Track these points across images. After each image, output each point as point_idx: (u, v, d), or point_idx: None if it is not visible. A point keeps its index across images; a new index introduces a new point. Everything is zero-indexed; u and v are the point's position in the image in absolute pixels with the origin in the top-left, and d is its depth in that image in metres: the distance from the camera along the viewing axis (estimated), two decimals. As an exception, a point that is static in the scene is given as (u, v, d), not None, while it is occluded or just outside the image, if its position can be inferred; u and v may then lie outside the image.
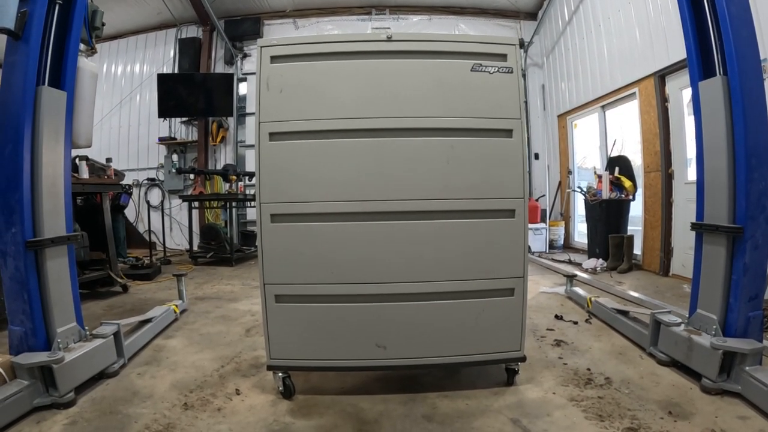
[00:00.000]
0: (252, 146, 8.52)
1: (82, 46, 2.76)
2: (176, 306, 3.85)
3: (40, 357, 2.19)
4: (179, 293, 4.17)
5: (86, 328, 2.58)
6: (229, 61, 8.94)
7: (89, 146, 2.97)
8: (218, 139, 8.85)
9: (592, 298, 3.80)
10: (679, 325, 2.61)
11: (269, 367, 2.33)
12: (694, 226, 2.59)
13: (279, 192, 2.21)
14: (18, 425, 2.04)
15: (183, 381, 2.56)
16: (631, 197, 6.04)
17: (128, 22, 8.88)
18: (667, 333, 2.64)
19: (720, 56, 2.38)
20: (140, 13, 8.63)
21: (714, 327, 2.40)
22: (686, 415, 2.07)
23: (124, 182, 5.79)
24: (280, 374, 2.33)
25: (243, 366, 2.78)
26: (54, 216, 2.39)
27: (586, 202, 6.43)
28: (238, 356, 2.95)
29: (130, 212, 8.49)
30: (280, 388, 2.34)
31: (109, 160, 5.24)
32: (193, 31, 9.00)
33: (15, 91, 2.27)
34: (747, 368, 2.19)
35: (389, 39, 2.23)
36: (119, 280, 4.81)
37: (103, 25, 2.99)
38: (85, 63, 2.85)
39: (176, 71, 8.85)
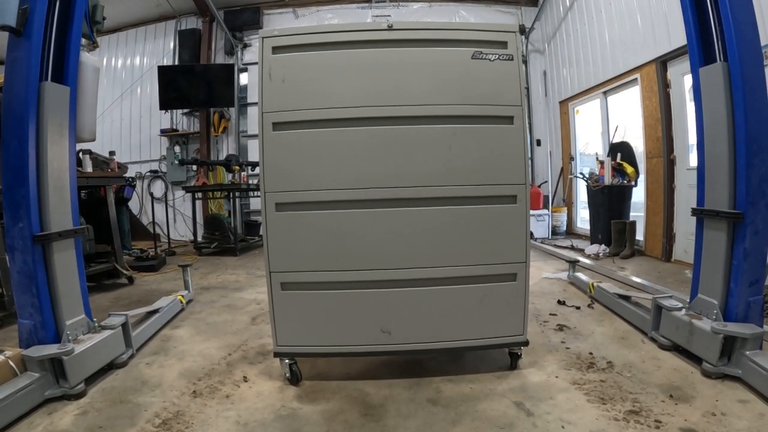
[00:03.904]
0: (254, 136, 8.69)
1: (83, 41, 2.77)
2: (182, 296, 3.89)
3: (50, 349, 2.22)
4: (185, 284, 4.22)
5: (95, 319, 2.61)
6: (230, 51, 8.90)
7: (93, 140, 3.00)
8: (220, 130, 8.85)
9: (595, 284, 3.82)
10: (680, 309, 2.63)
11: (276, 354, 2.37)
12: (694, 212, 2.61)
13: (283, 181, 2.23)
14: (30, 417, 2.07)
15: (191, 369, 2.61)
16: (633, 183, 6.04)
17: (127, 14, 8.83)
18: (669, 318, 2.66)
19: (720, 42, 2.37)
20: (139, 5, 8.58)
21: (715, 312, 2.42)
22: (687, 398, 2.10)
23: (127, 175, 5.81)
24: (286, 361, 2.37)
25: (250, 354, 2.82)
26: (60, 210, 2.41)
27: (589, 188, 6.43)
28: (244, 344, 2.99)
29: (133, 204, 8.54)
30: (287, 375, 2.38)
31: (112, 153, 5.25)
32: (192, 23, 8.95)
33: (18, 88, 2.27)
34: (747, 352, 2.21)
35: (390, 28, 2.23)
36: (125, 272, 4.86)
37: (103, 19, 3.00)
38: (87, 57, 2.86)
39: (176, 63, 8.83)
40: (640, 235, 5.91)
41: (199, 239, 7.73)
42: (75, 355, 2.26)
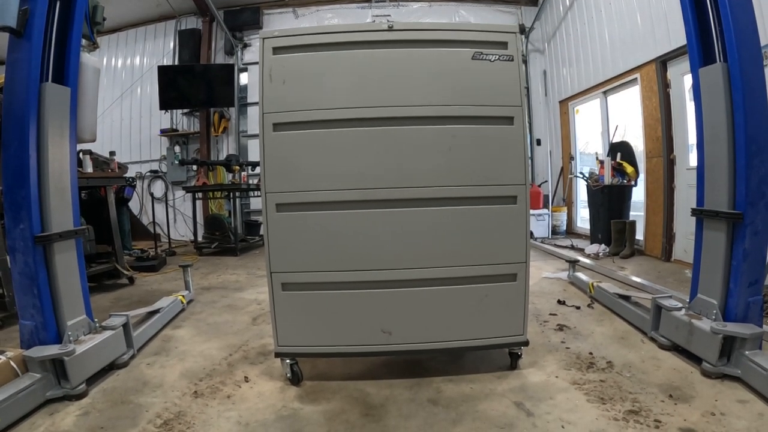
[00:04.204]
0: (254, 136, 8.71)
1: (83, 42, 2.77)
2: (183, 296, 3.90)
3: (52, 350, 2.23)
4: (185, 284, 4.23)
5: (96, 320, 2.62)
6: (230, 51, 8.90)
7: (94, 140, 3.00)
8: (220, 130, 8.85)
9: (595, 284, 3.82)
10: (679, 309, 2.64)
11: (277, 354, 2.37)
12: (694, 212, 2.61)
13: (284, 181, 2.24)
14: (32, 417, 2.08)
15: (192, 370, 2.61)
16: (633, 183, 6.04)
17: (127, 14, 8.83)
18: (668, 318, 2.67)
19: (720, 43, 2.38)
20: (139, 5, 8.58)
21: (714, 312, 2.43)
22: (686, 398, 2.11)
23: (127, 175, 5.81)
24: (287, 361, 2.38)
25: (251, 354, 2.83)
26: (61, 211, 2.41)
27: (589, 187, 6.43)
28: (245, 344, 3.00)
29: (134, 205, 8.54)
30: (288, 375, 2.39)
31: (112, 153, 5.26)
32: (192, 23, 8.95)
33: (19, 89, 2.28)
34: (747, 352, 2.21)
35: (390, 29, 2.24)
36: (126, 272, 4.86)
37: (104, 19, 3.00)
38: (87, 58, 2.86)
39: (177, 63, 8.83)
40: (640, 235, 5.92)
41: (200, 239, 7.73)
42: (76, 355, 2.27)
